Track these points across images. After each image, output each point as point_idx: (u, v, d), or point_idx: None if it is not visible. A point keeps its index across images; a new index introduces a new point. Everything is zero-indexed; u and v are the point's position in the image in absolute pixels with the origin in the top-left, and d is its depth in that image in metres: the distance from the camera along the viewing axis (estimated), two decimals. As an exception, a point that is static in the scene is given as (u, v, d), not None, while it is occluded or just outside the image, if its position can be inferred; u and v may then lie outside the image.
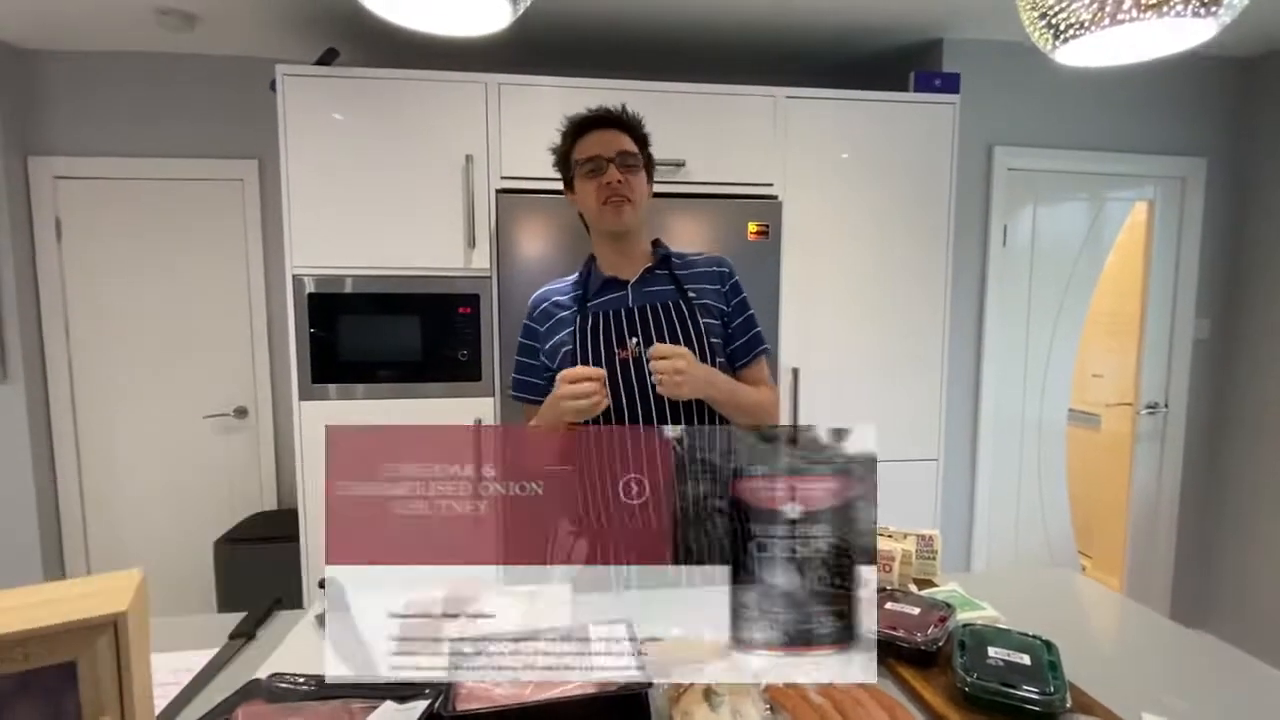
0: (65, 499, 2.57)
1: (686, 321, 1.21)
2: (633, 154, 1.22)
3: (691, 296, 1.24)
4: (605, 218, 1.21)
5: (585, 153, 1.21)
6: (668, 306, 1.22)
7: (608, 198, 1.19)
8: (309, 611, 1.08)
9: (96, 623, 0.60)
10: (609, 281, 1.25)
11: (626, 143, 1.22)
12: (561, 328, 1.24)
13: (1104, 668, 0.91)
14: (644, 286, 1.25)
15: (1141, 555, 2.85)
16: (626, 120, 1.24)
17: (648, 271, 1.26)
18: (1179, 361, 2.74)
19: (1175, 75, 2.60)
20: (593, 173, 1.20)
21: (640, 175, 1.23)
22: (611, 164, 1.19)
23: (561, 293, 1.28)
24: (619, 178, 1.19)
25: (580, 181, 1.22)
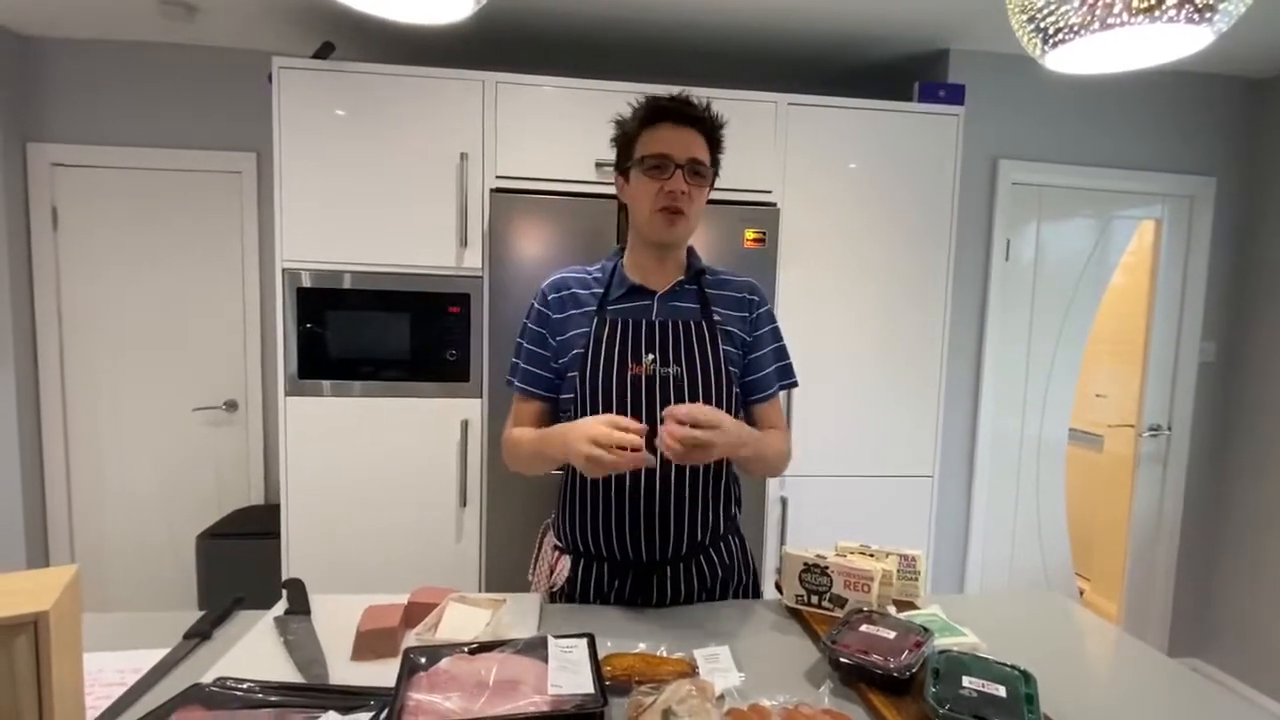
0: (51, 488, 2.56)
1: (706, 345, 1.13)
2: (704, 164, 1.10)
3: (717, 320, 1.15)
4: (655, 226, 1.09)
5: (655, 147, 1.08)
6: (689, 326, 1.13)
7: (665, 206, 1.07)
8: (270, 613, 1.05)
9: (14, 623, 0.57)
10: (635, 289, 1.15)
11: (701, 149, 1.10)
12: (576, 325, 1.14)
13: (1086, 703, 0.88)
14: (670, 300, 1.15)
15: (1141, 579, 2.80)
16: (709, 121, 1.12)
17: (678, 284, 1.16)
18: (1183, 384, 2.69)
19: (1185, 93, 2.56)
20: (656, 171, 1.07)
21: (705, 189, 1.12)
22: (680, 170, 1.07)
23: (583, 285, 1.17)
24: (684, 188, 1.07)
25: (638, 176, 1.09)
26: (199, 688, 0.78)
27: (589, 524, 1.14)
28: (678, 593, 1.15)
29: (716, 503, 1.16)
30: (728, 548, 1.20)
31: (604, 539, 1.13)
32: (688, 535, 1.13)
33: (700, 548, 1.15)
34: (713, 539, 1.17)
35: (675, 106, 1.09)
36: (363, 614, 0.97)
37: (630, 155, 1.12)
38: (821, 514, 2.21)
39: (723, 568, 1.18)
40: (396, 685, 0.77)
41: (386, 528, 2.05)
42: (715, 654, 0.94)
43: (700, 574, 1.16)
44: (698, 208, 1.11)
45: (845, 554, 1.16)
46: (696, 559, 1.15)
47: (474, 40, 2.40)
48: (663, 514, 1.10)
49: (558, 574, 1.18)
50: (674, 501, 1.11)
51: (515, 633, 0.98)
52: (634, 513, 1.10)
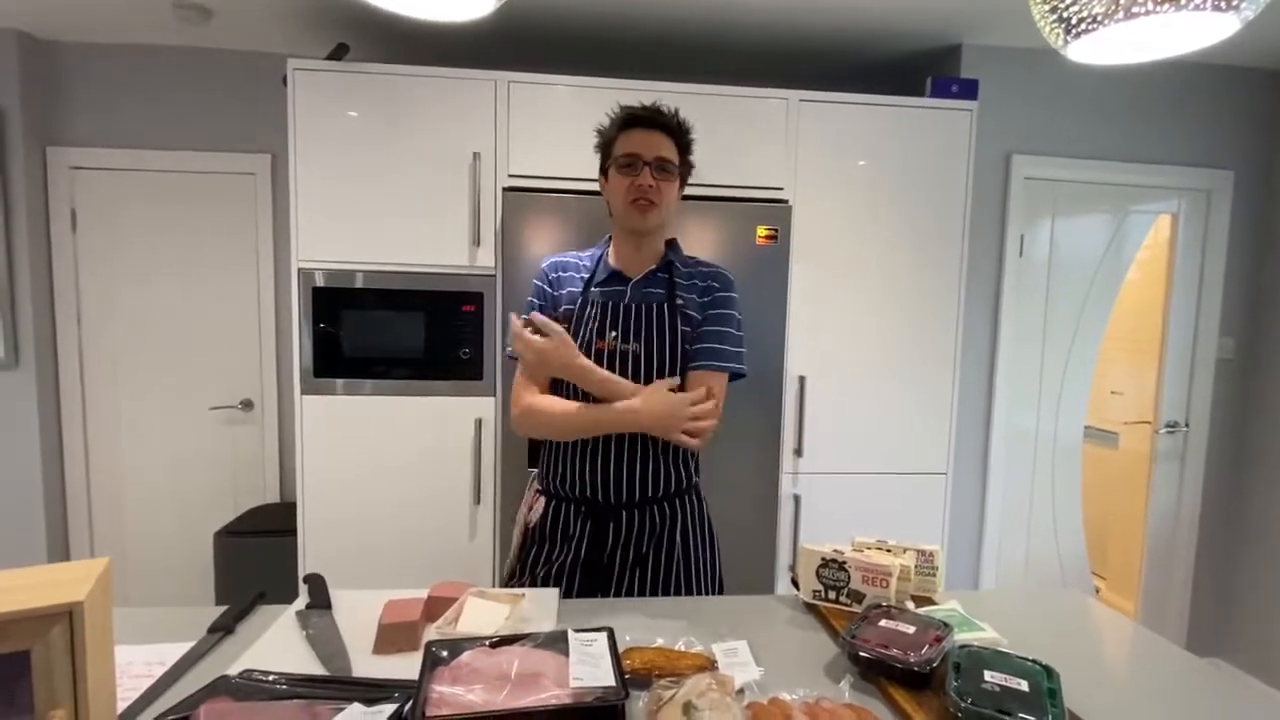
0: (72, 485, 2.59)
1: (665, 325, 1.27)
2: (671, 161, 1.25)
3: (679, 304, 1.28)
4: (629, 215, 1.25)
5: (626, 148, 1.24)
6: (653, 308, 1.27)
7: (636, 198, 1.23)
8: (291, 607, 1.06)
9: (51, 612, 0.58)
10: (615, 274, 1.30)
11: (668, 148, 1.25)
12: (568, 299, 1.31)
13: (1108, 697, 0.87)
14: (644, 286, 1.30)
15: (1158, 578, 2.77)
16: (675, 126, 1.27)
17: (651, 273, 1.30)
18: (1201, 380, 2.67)
19: (1201, 85, 2.53)
20: (628, 168, 1.23)
21: (674, 183, 1.27)
22: (648, 167, 1.22)
23: (576, 267, 1.34)
24: (651, 182, 1.22)
25: (614, 173, 1.26)
26: (226, 679, 0.79)
27: (563, 471, 1.29)
28: (630, 534, 1.27)
29: (672, 463, 1.30)
30: (682, 504, 1.33)
31: (571, 483, 1.28)
32: (640, 485, 1.27)
33: (653, 498, 1.29)
34: (668, 493, 1.30)
35: (645, 114, 1.26)
36: (384, 608, 0.98)
37: (609, 157, 1.28)
38: (834, 512, 2.20)
39: (672, 519, 1.30)
40: (420, 677, 0.78)
41: (401, 525, 2.07)
42: (734, 648, 0.95)
43: (652, 520, 1.29)
44: (668, 200, 1.26)
45: (862, 549, 1.15)
46: (650, 508, 1.29)
47: (486, 40, 2.41)
48: (617, 466, 1.26)
49: (533, 511, 1.33)
50: (632, 454, 1.26)
51: (534, 627, 0.98)
52: (599, 461, 1.26)
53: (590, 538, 1.27)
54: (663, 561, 1.29)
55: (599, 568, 1.27)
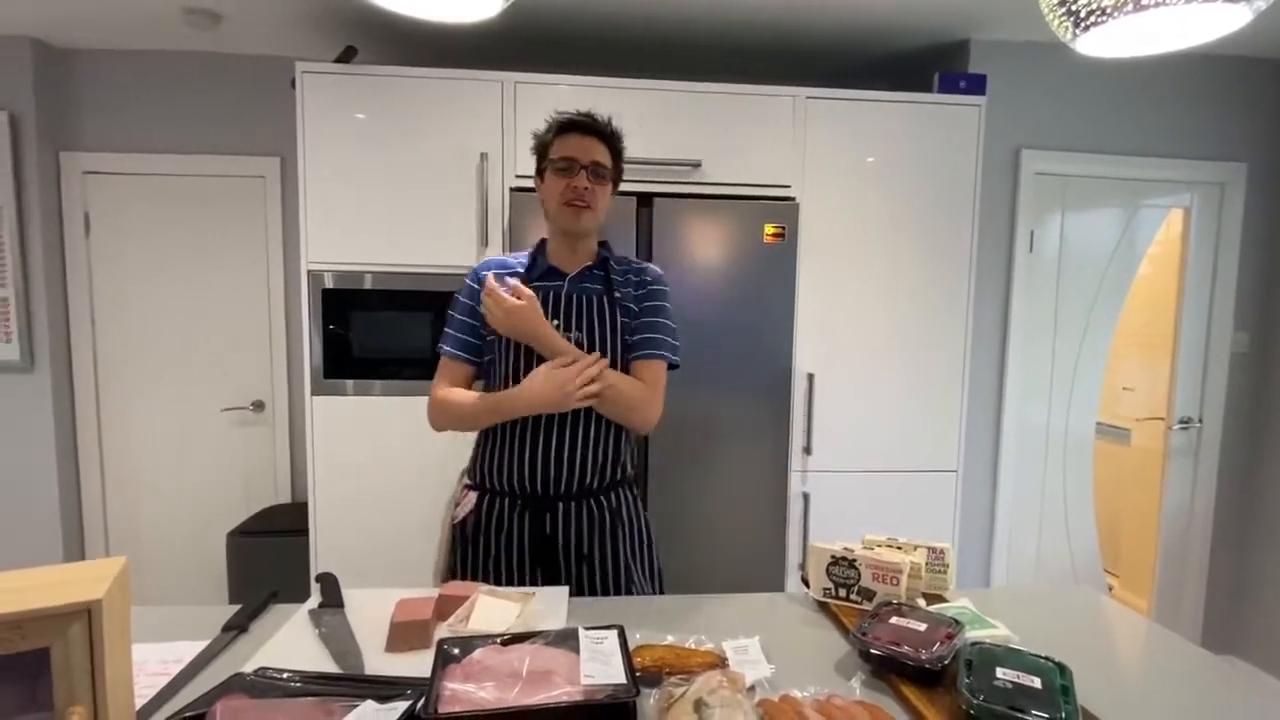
0: (87, 487, 2.62)
1: (606, 316, 1.31)
2: (605, 166, 1.30)
3: (617, 297, 1.33)
4: (563, 217, 1.29)
5: (561, 152, 1.28)
6: (592, 300, 1.32)
7: (570, 200, 1.27)
8: (304, 606, 1.07)
9: (70, 610, 0.59)
10: (551, 270, 1.34)
11: (602, 154, 1.29)
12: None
13: (1122, 694, 0.87)
14: (580, 281, 1.34)
15: (1172, 576, 2.75)
16: (608, 133, 1.32)
17: (586, 269, 1.35)
18: (1215, 375, 2.64)
19: (1212, 76, 2.51)
20: (563, 172, 1.27)
21: (607, 187, 1.32)
22: (584, 170, 1.27)
23: (509, 268, 1.36)
24: (586, 185, 1.27)
25: (550, 175, 1.30)
26: (241, 677, 0.80)
27: (497, 463, 1.31)
28: (569, 528, 1.30)
29: (607, 451, 1.33)
30: (619, 497, 1.35)
31: (508, 475, 1.30)
32: (578, 476, 1.30)
33: (590, 490, 1.32)
34: (603, 485, 1.33)
35: (581, 120, 1.30)
36: (395, 606, 0.99)
37: (544, 159, 1.32)
38: (844, 510, 2.20)
39: (611, 512, 1.33)
40: (432, 675, 0.78)
41: (410, 524, 2.08)
42: (744, 646, 0.95)
43: (589, 513, 1.31)
44: (601, 203, 1.31)
45: (873, 547, 1.15)
46: (587, 501, 1.31)
47: (493, 41, 2.42)
48: (558, 456, 1.29)
49: (461, 506, 1.35)
50: (569, 447, 1.29)
51: (545, 625, 0.99)
52: (533, 454, 1.28)
53: (529, 533, 1.29)
54: (609, 561, 1.32)
55: (543, 568, 1.29)
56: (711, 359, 2.04)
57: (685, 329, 2.01)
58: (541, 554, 1.30)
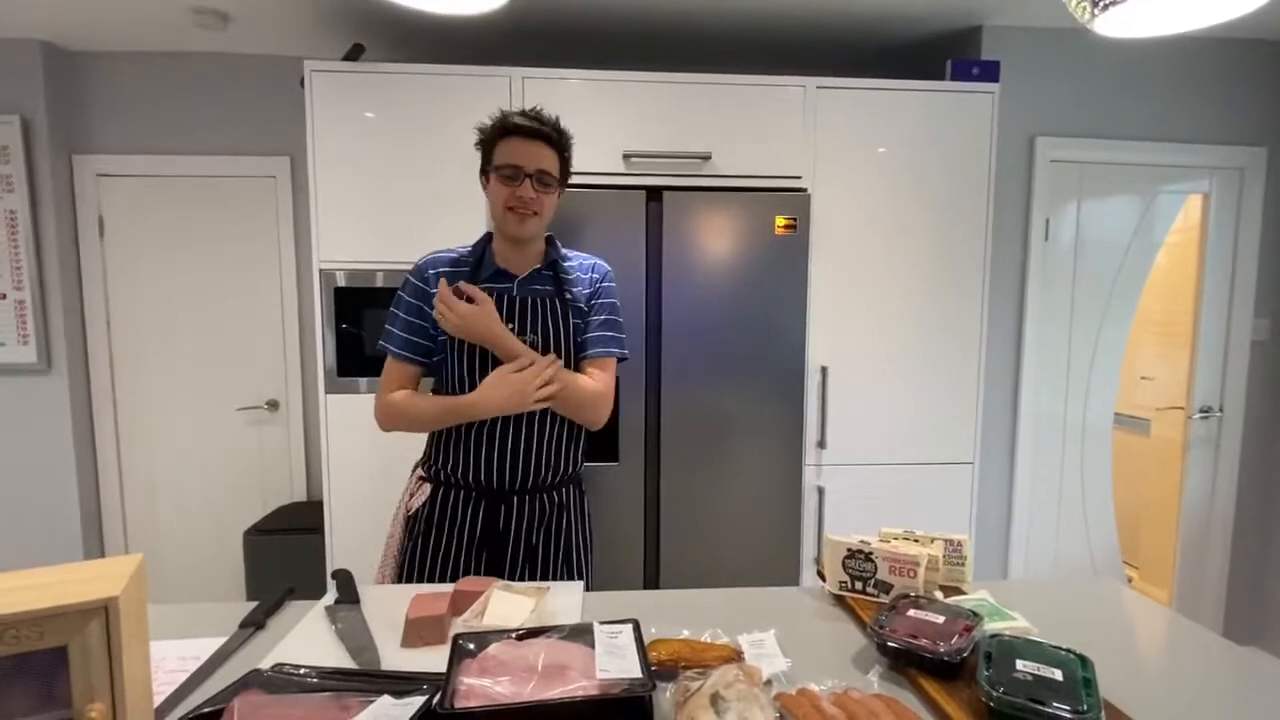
0: (105, 488, 2.66)
1: (559, 318, 1.32)
2: (551, 174, 1.27)
3: (568, 298, 1.34)
4: (508, 224, 1.27)
5: (506, 158, 1.25)
6: (544, 302, 1.32)
7: (516, 207, 1.25)
8: (320, 602, 1.08)
9: (87, 607, 0.59)
10: (499, 272, 1.33)
11: (549, 160, 1.27)
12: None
13: (1144, 686, 0.85)
14: (530, 283, 1.33)
15: (1193, 567, 2.71)
16: (555, 137, 1.28)
17: (535, 271, 1.34)
18: (1235, 364, 2.60)
19: (1231, 59, 2.46)
20: (508, 179, 1.25)
21: (553, 194, 1.30)
22: (529, 179, 1.24)
23: (453, 264, 1.33)
24: (532, 194, 1.25)
25: (495, 181, 1.27)
26: (258, 673, 0.80)
27: (453, 457, 1.32)
28: (520, 521, 1.33)
29: (561, 449, 1.35)
30: (567, 493, 1.39)
31: (463, 470, 1.31)
32: (534, 471, 1.32)
33: (543, 485, 1.34)
34: (554, 481, 1.36)
35: (527, 123, 1.26)
36: (410, 602, 0.99)
37: (490, 161, 1.29)
38: (858, 503, 2.18)
39: (559, 507, 1.37)
40: (448, 670, 0.78)
41: (426, 521, 2.08)
42: (760, 640, 0.94)
43: (541, 507, 1.34)
44: (547, 210, 1.30)
45: (889, 540, 1.14)
46: (540, 496, 1.34)
47: (500, 36, 2.41)
48: (514, 452, 1.31)
49: (415, 498, 1.37)
50: (525, 441, 1.31)
51: (559, 619, 0.98)
52: (489, 448, 1.30)
53: (481, 525, 1.31)
54: (551, 551, 1.35)
55: (490, 558, 1.32)
56: (724, 354, 2.03)
57: (697, 323, 2.01)
58: (490, 545, 1.32)
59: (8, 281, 2.44)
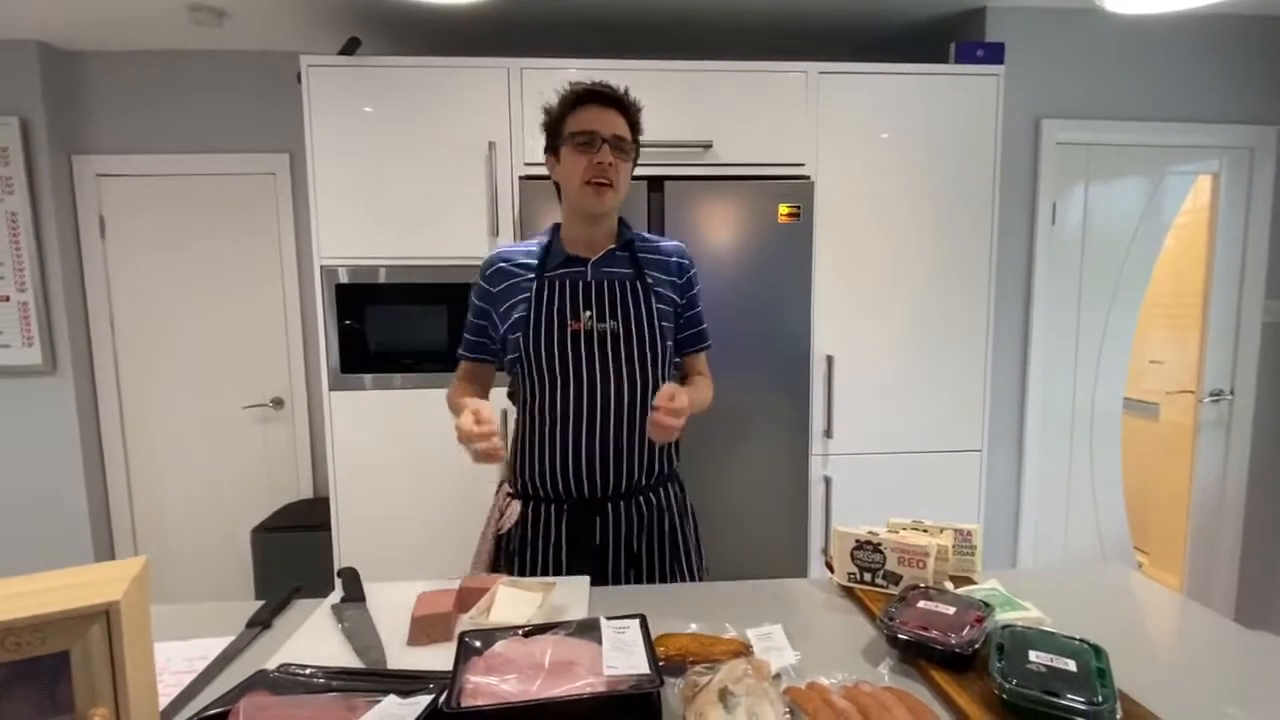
0: (113, 488, 2.67)
1: (640, 302, 1.23)
2: (627, 140, 1.21)
3: (649, 281, 1.25)
4: (585, 198, 1.19)
5: (580, 125, 1.18)
6: (624, 285, 1.24)
7: (593, 178, 1.17)
8: (326, 601, 1.07)
9: (88, 612, 0.59)
10: (570, 258, 1.25)
11: (623, 126, 1.21)
12: (517, 293, 1.24)
13: (1159, 675, 0.84)
14: (603, 266, 1.25)
15: (1203, 552, 2.69)
16: (628, 104, 1.23)
17: (610, 252, 1.26)
18: (1246, 346, 2.57)
19: (1240, 37, 2.41)
20: (584, 146, 1.17)
21: (628, 164, 1.23)
22: (606, 144, 1.17)
23: (519, 257, 1.27)
24: (610, 160, 1.17)
25: (568, 152, 1.20)
26: (264, 673, 0.80)
27: (538, 467, 1.24)
28: (619, 530, 1.24)
29: (653, 448, 1.26)
30: (666, 493, 1.30)
31: (551, 480, 1.23)
32: (626, 475, 1.23)
33: (638, 489, 1.25)
34: (650, 482, 1.27)
35: (600, 89, 1.20)
36: (416, 600, 0.98)
37: (559, 135, 1.22)
38: (866, 493, 2.17)
39: (659, 510, 1.28)
40: (454, 668, 0.77)
41: (431, 517, 2.09)
42: (768, 633, 0.93)
43: (639, 512, 1.26)
44: (624, 180, 1.22)
45: (898, 530, 1.13)
46: (636, 499, 1.25)
47: (497, 27, 2.38)
48: (603, 455, 1.22)
49: (506, 517, 1.28)
50: (614, 444, 1.22)
51: (567, 615, 0.98)
52: (577, 454, 1.22)
53: (575, 537, 1.24)
54: (657, 558, 1.27)
55: (593, 572, 1.22)
56: (729, 344, 2.01)
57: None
58: (589, 559, 1.24)
59: (11, 284, 2.44)
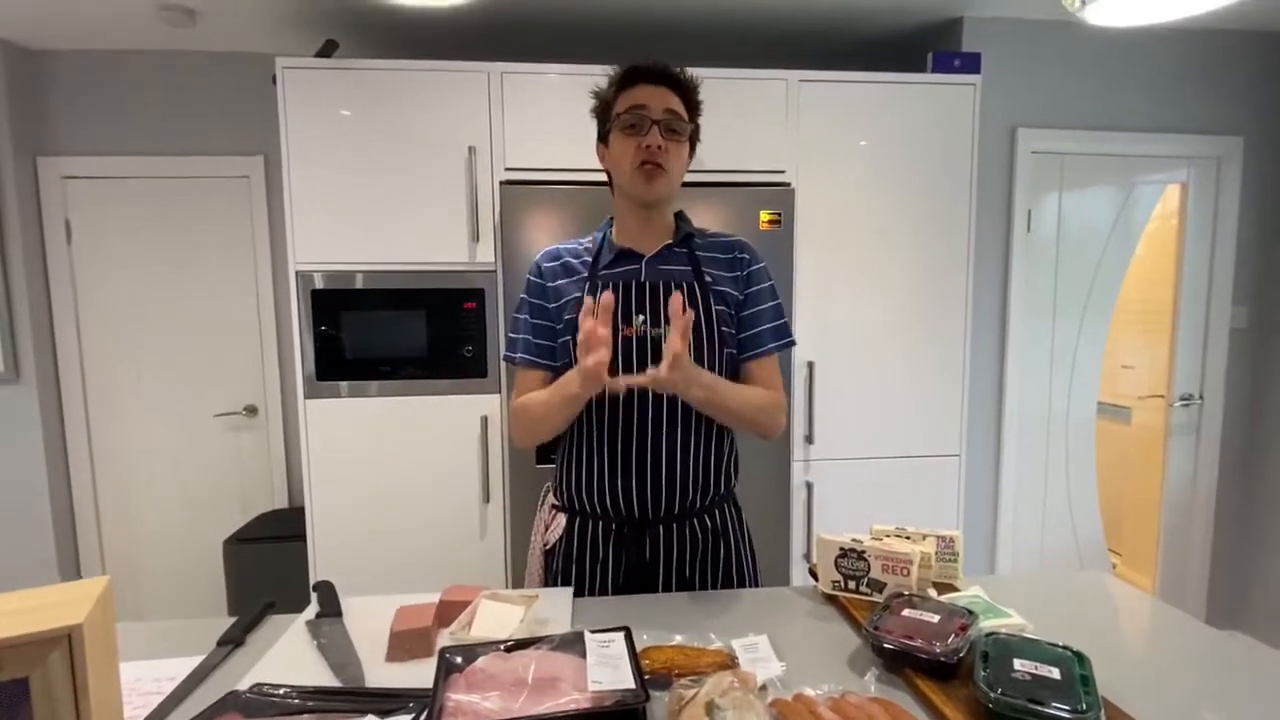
0: (79, 499, 2.59)
1: (699, 305, 1.14)
2: (681, 118, 1.12)
3: (708, 280, 1.16)
4: (636, 184, 1.11)
5: (630, 102, 1.09)
6: (682, 286, 1.14)
7: (644, 161, 1.09)
8: (301, 616, 1.04)
9: (49, 636, 0.56)
10: (624, 253, 1.17)
11: (677, 104, 1.11)
12: (571, 290, 1.16)
13: (1140, 681, 0.85)
14: (660, 263, 1.16)
15: (1175, 553, 2.75)
16: (683, 81, 1.14)
17: (666, 248, 1.17)
18: (1215, 351, 2.63)
19: (1208, 50, 2.48)
20: (633, 128, 1.09)
21: (684, 146, 1.13)
22: (656, 125, 1.09)
23: (574, 254, 1.20)
24: (660, 142, 1.08)
25: (617, 136, 1.12)
26: (236, 695, 0.77)
27: (585, 481, 1.16)
28: (670, 553, 1.16)
29: (710, 466, 1.17)
30: (722, 515, 1.21)
31: (599, 496, 1.15)
32: (680, 495, 1.14)
33: (693, 510, 1.17)
34: (706, 503, 1.18)
35: (651, 66, 1.12)
36: (395, 614, 0.96)
37: (608, 120, 1.14)
38: (848, 498, 2.18)
39: (714, 533, 1.19)
40: (434, 686, 0.76)
41: (410, 526, 2.05)
42: (754, 644, 0.92)
43: (692, 536, 1.17)
44: (679, 164, 1.13)
45: (881, 537, 1.13)
46: (690, 521, 1.17)
47: (477, 31, 2.37)
48: (655, 472, 1.13)
49: (551, 531, 1.21)
50: (667, 461, 1.13)
51: (550, 628, 0.96)
52: (627, 470, 1.13)
53: (625, 560, 1.15)
54: (710, 584, 1.19)
55: (640, 591, 1.16)
56: (709, 349, 2.01)
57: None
58: (640, 580, 1.16)
59: (-29, 289, 2.36)
